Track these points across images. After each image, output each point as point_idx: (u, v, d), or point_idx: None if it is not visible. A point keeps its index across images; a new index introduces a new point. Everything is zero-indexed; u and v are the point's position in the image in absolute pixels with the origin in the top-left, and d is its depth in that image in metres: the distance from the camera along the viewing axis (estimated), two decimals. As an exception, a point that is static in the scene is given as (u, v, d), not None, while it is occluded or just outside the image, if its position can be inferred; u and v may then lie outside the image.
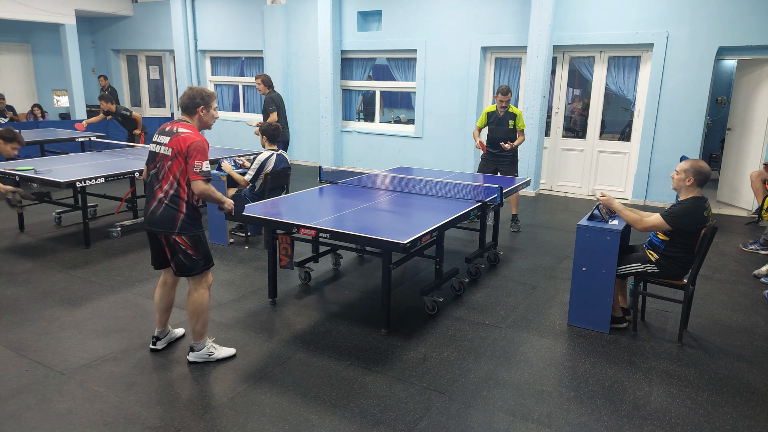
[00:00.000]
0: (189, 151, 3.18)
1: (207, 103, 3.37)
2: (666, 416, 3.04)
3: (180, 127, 3.27)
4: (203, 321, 3.44)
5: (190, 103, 3.33)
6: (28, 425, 2.88)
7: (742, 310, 4.48)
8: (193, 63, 12.16)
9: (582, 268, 3.97)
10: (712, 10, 7.29)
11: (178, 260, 3.32)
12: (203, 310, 3.42)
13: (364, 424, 2.93)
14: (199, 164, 3.19)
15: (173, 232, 3.26)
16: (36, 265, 5.21)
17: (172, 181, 3.23)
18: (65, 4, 11.80)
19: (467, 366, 3.53)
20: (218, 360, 3.52)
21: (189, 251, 3.31)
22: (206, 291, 3.44)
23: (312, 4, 10.35)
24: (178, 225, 3.26)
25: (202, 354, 3.49)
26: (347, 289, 4.79)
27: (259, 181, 5.67)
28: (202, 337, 3.48)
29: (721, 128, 10.04)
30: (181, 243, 3.28)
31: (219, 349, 3.56)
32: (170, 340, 3.77)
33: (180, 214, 3.25)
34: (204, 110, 3.36)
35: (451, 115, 9.47)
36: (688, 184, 3.71)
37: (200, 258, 3.36)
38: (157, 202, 3.26)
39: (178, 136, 3.21)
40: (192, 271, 3.36)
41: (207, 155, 3.24)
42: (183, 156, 3.19)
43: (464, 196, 4.84)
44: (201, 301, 3.40)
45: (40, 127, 10.67)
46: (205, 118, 3.39)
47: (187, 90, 3.37)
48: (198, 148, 3.19)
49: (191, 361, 3.48)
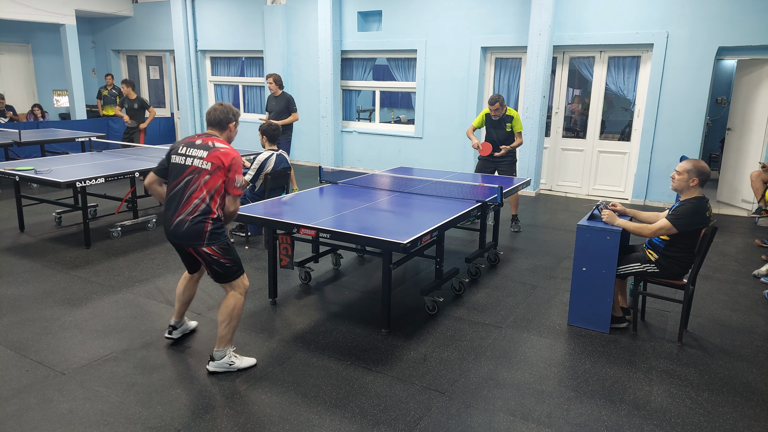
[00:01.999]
0: (231, 166, 3.24)
1: (237, 120, 3.48)
2: (666, 416, 3.04)
3: (216, 141, 3.31)
4: (233, 326, 3.39)
5: (224, 118, 3.40)
6: (28, 425, 2.88)
7: (742, 310, 4.48)
8: (193, 63, 12.17)
9: (582, 268, 3.97)
10: (712, 10, 7.29)
11: (214, 270, 3.34)
12: (236, 315, 3.38)
13: (364, 423, 2.93)
14: (240, 179, 3.32)
15: (202, 244, 3.26)
16: (36, 265, 5.21)
17: (204, 196, 3.23)
18: (65, 4, 11.80)
19: (467, 366, 3.53)
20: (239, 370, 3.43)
21: (221, 260, 3.30)
22: (242, 296, 3.42)
23: (312, 4, 10.35)
24: (207, 237, 3.25)
25: (223, 363, 3.39)
26: (347, 289, 4.79)
27: (259, 181, 5.67)
28: (227, 343, 3.41)
29: (721, 128, 10.05)
30: (211, 253, 3.28)
31: (240, 359, 3.47)
32: (185, 331, 3.84)
33: (208, 226, 3.25)
34: (234, 126, 3.47)
35: (451, 115, 9.47)
36: (692, 185, 3.71)
37: (233, 264, 3.36)
38: (185, 215, 3.23)
39: (218, 151, 3.25)
40: (230, 278, 3.37)
41: (242, 170, 3.37)
42: (224, 170, 3.23)
43: (464, 196, 4.84)
44: (237, 305, 3.38)
45: (40, 127, 10.68)
46: (232, 133, 3.49)
47: (218, 106, 3.42)
48: (238, 163, 3.29)
49: (211, 371, 3.38)
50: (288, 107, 8.01)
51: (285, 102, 8.01)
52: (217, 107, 3.41)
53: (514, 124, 6.33)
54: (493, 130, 6.43)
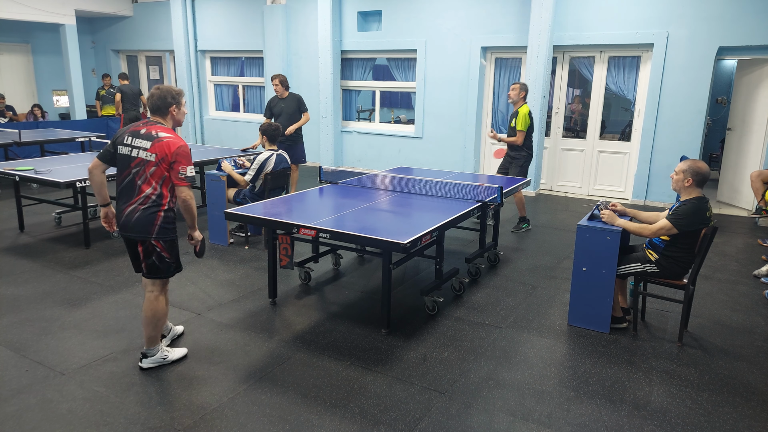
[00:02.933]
0: (175, 156, 3.14)
1: (178, 102, 3.31)
2: (666, 416, 3.04)
3: (159, 130, 3.20)
4: (159, 327, 3.39)
5: (162, 103, 3.26)
6: (28, 425, 2.88)
7: (742, 310, 4.48)
8: (193, 63, 12.17)
9: (582, 268, 3.97)
10: (712, 10, 7.29)
11: (151, 262, 3.29)
12: (161, 317, 3.37)
13: (364, 424, 2.93)
14: (184, 170, 3.17)
15: (151, 237, 3.22)
16: (36, 265, 5.21)
17: (154, 186, 3.18)
18: (65, 4, 11.80)
19: (467, 366, 3.53)
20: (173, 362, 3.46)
21: (164, 254, 3.29)
22: (165, 298, 3.40)
23: (312, 4, 10.35)
24: (156, 230, 3.22)
25: (157, 359, 3.41)
26: (347, 289, 4.79)
27: (259, 182, 5.67)
28: (156, 342, 3.42)
29: (721, 128, 10.05)
30: (157, 246, 3.26)
31: (172, 352, 3.50)
32: (173, 336, 3.80)
33: (158, 219, 3.21)
34: (176, 109, 3.31)
35: (451, 115, 9.47)
36: (687, 185, 3.71)
37: (173, 261, 3.34)
38: (137, 205, 3.20)
39: (162, 141, 3.15)
40: (164, 274, 3.33)
41: (191, 160, 3.22)
42: (168, 162, 3.15)
43: (464, 196, 4.84)
44: (161, 308, 3.36)
45: (40, 127, 10.67)
46: (177, 117, 3.34)
47: (155, 90, 3.28)
48: (183, 153, 3.16)
49: (145, 368, 3.40)
50: (299, 108, 7.55)
51: (295, 103, 7.53)
52: (154, 92, 3.27)
53: (517, 120, 6.33)
54: (506, 124, 6.51)
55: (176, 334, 3.84)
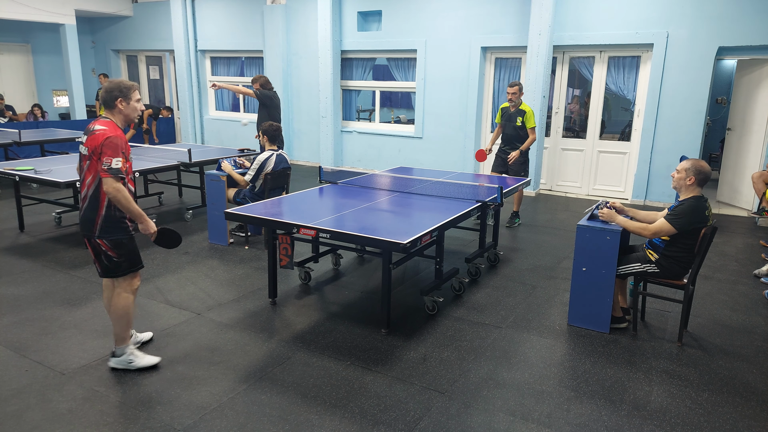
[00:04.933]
0: (101, 147, 3.05)
1: (126, 95, 3.21)
2: (666, 416, 3.04)
3: (97, 124, 3.16)
4: (124, 326, 3.34)
5: (108, 96, 3.19)
6: (28, 425, 2.88)
7: (742, 310, 4.48)
8: (193, 63, 12.17)
9: (582, 268, 3.97)
10: (712, 10, 7.29)
11: (101, 261, 3.25)
12: (125, 314, 3.32)
13: (364, 424, 2.93)
14: (108, 160, 3.04)
15: (94, 235, 3.17)
16: (36, 265, 5.21)
17: (91, 182, 3.14)
18: (65, 4, 11.80)
19: (467, 366, 3.53)
20: (138, 369, 3.38)
21: (110, 253, 3.22)
22: (130, 295, 3.33)
23: (312, 4, 10.35)
24: (98, 228, 3.16)
25: (122, 360, 3.37)
26: (347, 289, 4.79)
27: (259, 181, 5.67)
28: (124, 342, 3.38)
29: (721, 128, 10.05)
30: (102, 245, 3.20)
31: (140, 358, 3.41)
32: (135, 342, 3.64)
33: (99, 217, 3.15)
34: (123, 103, 3.21)
35: (451, 115, 9.47)
36: (688, 183, 3.71)
37: (123, 260, 3.26)
38: (82, 202, 3.19)
39: (94, 134, 3.10)
40: (114, 274, 3.27)
41: (119, 152, 3.08)
42: (97, 154, 3.07)
43: (464, 196, 4.84)
44: (124, 304, 3.31)
45: (40, 127, 10.67)
46: (126, 111, 3.24)
47: (106, 83, 3.23)
48: (109, 144, 3.06)
49: (112, 366, 3.38)
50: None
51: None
52: (104, 85, 3.23)
53: (526, 119, 6.31)
54: (506, 124, 6.45)
55: (140, 340, 3.70)
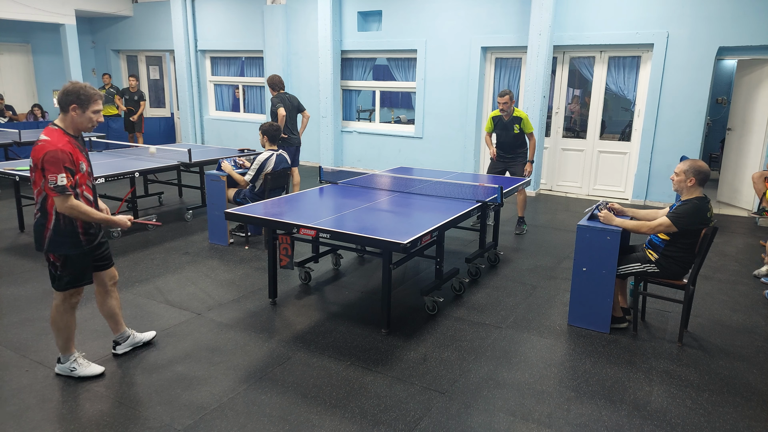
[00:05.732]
0: (43, 164, 2.83)
1: (82, 103, 2.93)
2: (666, 416, 3.04)
3: (43, 133, 2.93)
4: (63, 337, 3.25)
5: (63, 99, 2.92)
6: (28, 425, 2.88)
7: (742, 310, 4.48)
8: (193, 63, 12.17)
9: (582, 268, 3.97)
10: (712, 10, 7.29)
11: (49, 270, 3.14)
12: (61, 327, 3.22)
13: (364, 424, 2.93)
14: (53, 178, 2.82)
15: (43, 249, 3.04)
16: (36, 265, 5.21)
17: (38, 194, 2.96)
18: (65, 4, 11.80)
19: (467, 366, 3.53)
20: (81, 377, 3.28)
21: (57, 263, 3.08)
22: (67, 310, 3.20)
23: (312, 4, 10.35)
24: (47, 242, 3.01)
25: (65, 368, 3.29)
26: (347, 289, 4.79)
27: (259, 182, 5.67)
28: (66, 351, 3.29)
29: (721, 128, 10.05)
30: (50, 257, 3.08)
31: (84, 366, 3.31)
32: (133, 344, 3.63)
33: (47, 231, 2.99)
34: (77, 110, 2.94)
35: (451, 115, 9.47)
36: (689, 185, 3.71)
37: (65, 275, 3.10)
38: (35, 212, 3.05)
39: (36, 145, 2.88)
40: (55, 286, 3.15)
41: (61, 167, 2.84)
42: (39, 168, 2.87)
43: (464, 196, 4.84)
44: (59, 318, 3.19)
45: (40, 127, 10.67)
46: (78, 119, 2.96)
47: (67, 84, 2.95)
48: (50, 159, 2.81)
49: (56, 372, 3.32)
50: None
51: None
52: (65, 85, 2.95)
53: (523, 125, 6.21)
54: (502, 132, 6.33)
55: (137, 340, 3.65)
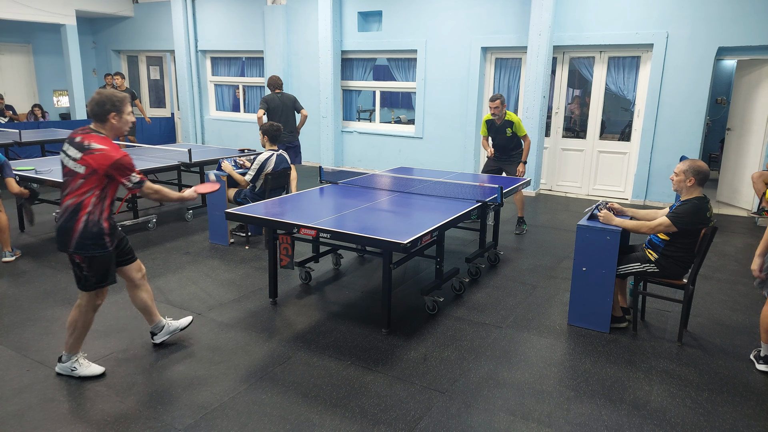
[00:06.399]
0: (112, 170, 3.01)
1: (119, 109, 3.10)
2: (666, 416, 3.05)
3: (93, 141, 3.02)
4: (77, 336, 3.30)
5: (100, 110, 3.06)
6: (29, 425, 2.88)
7: (742, 310, 4.48)
8: (194, 63, 12.18)
9: (582, 268, 3.97)
10: (712, 10, 7.30)
11: (75, 273, 3.20)
12: (79, 327, 3.27)
13: (364, 423, 2.94)
14: (129, 179, 3.09)
15: (69, 250, 3.11)
16: (36, 265, 5.21)
17: (75, 199, 3.04)
18: (66, 4, 11.81)
19: (467, 366, 3.54)
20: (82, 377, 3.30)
21: (83, 265, 3.15)
22: (90, 311, 3.28)
23: (312, 5, 10.36)
24: (74, 243, 3.08)
25: (66, 367, 3.32)
26: (348, 289, 4.79)
27: (259, 182, 5.68)
28: (73, 350, 3.33)
29: (721, 128, 10.05)
30: (76, 258, 3.14)
31: (85, 366, 3.33)
32: (170, 332, 3.71)
33: (75, 233, 3.06)
34: (116, 117, 3.11)
35: (452, 115, 9.48)
36: (689, 185, 3.71)
37: (92, 275, 3.17)
38: (61, 214, 3.11)
39: (93, 154, 2.98)
40: (82, 287, 3.22)
41: (134, 166, 3.09)
42: (100, 175, 3.00)
43: (464, 196, 4.84)
44: (82, 319, 3.26)
45: (40, 127, 10.68)
46: (118, 125, 3.14)
47: (95, 95, 3.09)
48: (121, 166, 3.02)
49: (57, 372, 3.35)
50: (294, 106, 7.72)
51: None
52: (94, 96, 3.08)
53: (515, 129, 6.24)
54: (496, 135, 6.38)
55: (173, 328, 3.72)
